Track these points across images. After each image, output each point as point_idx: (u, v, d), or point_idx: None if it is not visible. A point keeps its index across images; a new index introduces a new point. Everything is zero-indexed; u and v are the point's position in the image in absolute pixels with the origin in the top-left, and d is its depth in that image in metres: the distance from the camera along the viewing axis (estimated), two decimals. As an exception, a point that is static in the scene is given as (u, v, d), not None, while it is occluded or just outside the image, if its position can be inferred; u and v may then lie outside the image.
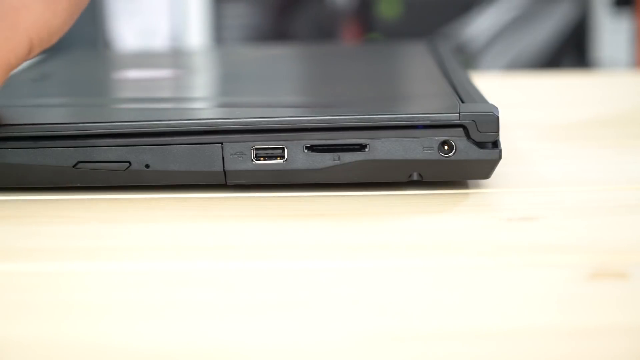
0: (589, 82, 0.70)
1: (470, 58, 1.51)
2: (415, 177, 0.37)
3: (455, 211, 0.36)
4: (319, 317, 0.26)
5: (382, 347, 0.24)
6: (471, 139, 0.36)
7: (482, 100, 0.38)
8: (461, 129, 0.36)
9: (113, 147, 0.37)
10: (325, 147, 0.37)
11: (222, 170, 0.37)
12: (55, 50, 0.45)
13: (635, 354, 0.24)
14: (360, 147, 0.37)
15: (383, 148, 0.37)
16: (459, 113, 0.36)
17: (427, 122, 0.36)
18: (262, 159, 0.37)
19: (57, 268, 0.30)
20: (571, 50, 1.52)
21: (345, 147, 0.37)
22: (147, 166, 0.37)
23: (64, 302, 0.28)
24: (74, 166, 0.37)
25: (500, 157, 0.37)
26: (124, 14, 1.37)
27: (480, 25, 1.54)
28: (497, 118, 0.36)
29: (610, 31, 1.48)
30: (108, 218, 0.36)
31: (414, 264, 0.30)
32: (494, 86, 0.55)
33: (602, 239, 0.33)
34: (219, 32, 1.49)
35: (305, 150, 0.37)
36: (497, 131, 0.36)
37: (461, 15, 1.54)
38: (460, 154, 0.37)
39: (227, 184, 0.37)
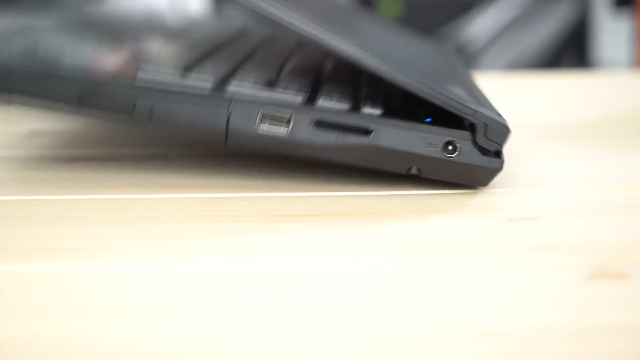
0: (589, 82, 0.70)
1: (470, 58, 1.51)
2: (414, 170, 0.37)
3: (455, 211, 0.36)
4: (319, 317, 0.26)
5: (382, 347, 0.24)
6: (476, 143, 0.36)
7: (496, 111, 0.38)
8: (468, 133, 0.36)
9: (120, 89, 0.37)
10: (332, 125, 0.37)
11: (225, 129, 0.37)
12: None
13: (635, 354, 0.24)
14: (367, 132, 0.37)
15: (388, 136, 0.37)
16: (475, 111, 0.36)
17: (446, 107, 0.36)
18: (267, 124, 0.37)
19: (57, 268, 0.30)
20: (571, 50, 1.52)
21: (351, 128, 0.37)
22: (151, 112, 0.37)
23: (64, 302, 0.28)
24: (77, 100, 0.37)
25: (501, 168, 0.37)
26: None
27: (480, 25, 1.54)
28: (509, 131, 0.36)
29: (610, 31, 1.48)
30: (108, 218, 0.36)
31: (414, 264, 0.30)
32: (494, 86, 0.55)
33: (602, 239, 0.33)
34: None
35: (312, 125, 0.37)
36: (503, 143, 0.37)
37: (461, 15, 1.54)
38: (463, 157, 0.37)
39: (227, 144, 0.37)
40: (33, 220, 0.36)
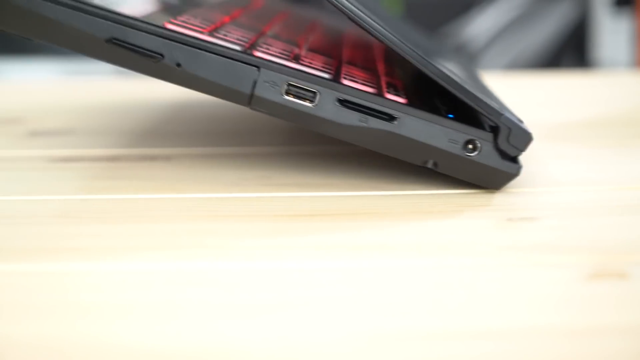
0: (589, 82, 0.70)
1: (470, 58, 1.51)
2: (430, 164, 0.37)
3: (456, 211, 0.36)
4: (319, 317, 0.26)
5: (382, 347, 0.24)
6: (497, 145, 0.36)
7: (518, 118, 0.38)
8: (491, 134, 0.36)
9: (151, 35, 0.36)
10: (357, 106, 0.37)
11: (250, 93, 0.37)
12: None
13: (635, 354, 0.24)
14: (390, 118, 0.37)
15: (412, 126, 0.37)
16: (501, 114, 0.36)
17: (476, 105, 0.36)
18: (292, 96, 0.37)
19: (57, 268, 0.30)
20: (571, 50, 1.52)
21: (376, 112, 0.37)
22: (178, 64, 0.37)
23: (64, 302, 0.28)
24: (106, 40, 0.36)
25: (518, 174, 0.37)
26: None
27: (480, 25, 1.53)
28: (531, 138, 0.37)
29: (610, 31, 1.48)
30: (108, 218, 0.35)
31: (414, 264, 0.30)
32: (494, 86, 0.55)
33: (602, 239, 0.33)
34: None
35: (337, 103, 0.37)
36: (524, 149, 0.37)
37: (461, 15, 1.54)
38: (482, 157, 0.37)
39: (251, 107, 0.37)
40: (33, 220, 0.36)
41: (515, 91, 0.64)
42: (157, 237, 0.33)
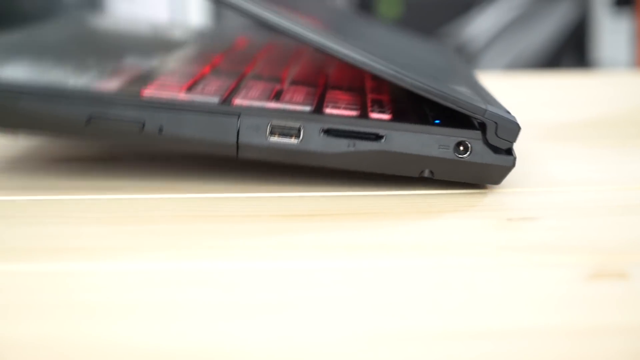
0: (589, 82, 0.70)
1: (470, 58, 1.51)
2: (426, 173, 0.37)
3: (456, 211, 0.36)
4: (319, 317, 0.26)
5: (382, 347, 0.24)
6: (487, 141, 0.37)
7: (504, 109, 0.38)
8: (479, 132, 0.37)
9: (129, 106, 0.37)
10: (342, 133, 0.37)
11: (235, 142, 0.37)
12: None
13: (635, 354, 0.24)
14: (377, 137, 0.37)
15: (400, 141, 0.37)
16: (484, 110, 0.36)
17: (456, 107, 0.36)
18: (277, 135, 0.37)
19: (57, 268, 0.30)
20: (571, 50, 1.52)
21: (362, 134, 0.37)
22: (160, 129, 0.37)
23: (64, 302, 0.28)
24: (87, 120, 0.37)
25: (514, 165, 0.37)
26: (123, 13, 1.37)
27: (480, 25, 1.53)
28: (519, 128, 0.37)
29: (610, 31, 1.48)
30: (108, 218, 0.36)
31: (414, 264, 0.30)
32: (494, 86, 0.55)
33: (602, 239, 0.33)
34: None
35: (322, 133, 0.37)
36: (514, 140, 0.37)
37: (461, 15, 1.54)
38: (475, 157, 0.37)
39: (239, 157, 0.37)
40: (33, 220, 0.36)
41: (515, 91, 0.64)
42: (157, 237, 0.33)
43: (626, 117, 0.54)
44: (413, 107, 0.40)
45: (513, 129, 0.37)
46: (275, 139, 0.37)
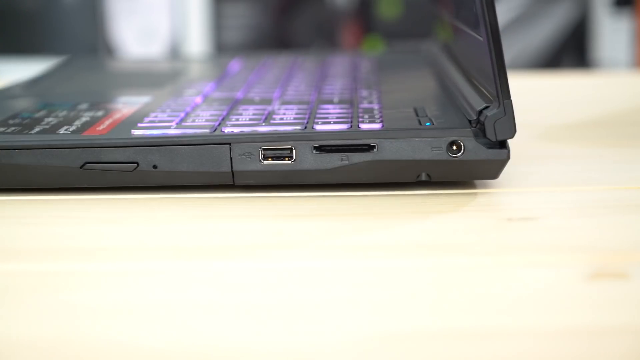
0: (589, 82, 0.70)
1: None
2: (423, 177, 0.37)
3: (456, 211, 0.36)
4: (319, 317, 0.26)
5: (382, 347, 0.24)
6: (479, 137, 0.36)
7: (492, 100, 0.38)
8: (470, 130, 0.37)
9: (121, 148, 0.37)
10: (334, 148, 0.37)
11: (230, 170, 0.37)
12: (56, 50, 0.46)
13: (635, 354, 0.24)
14: (369, 148, 0.37)
15: (392, 148, 0.37)
16: (472, 106, 0.37)
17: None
18: (270, 159, 0.37)
19: (57, 268, 0.30)
20: (571, 50, 1.52)
21: (353, 147, 0.37)
22: (154, 167, 0.37)
23: (64, 302, 0.28)
24: (81, 167, 0.37)
25: (508, 158, 0.37)
26: (123, 13, 1.37)
27: (480, 25, 1.53)
28: (509, 118, 0.36)
29: (610, 31, 1.48)
30: (108, 218, 0.36)
31: (414, 264, 0.30)
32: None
33: (602, 239, 0.33)
34: (219, 32, 1.49)
35: (314, 151, 0.37)
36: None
37: (461, 15, 1.53)
38: (469, 154, 0.37)
39: (235, 184, 0.37)
40: (33, 220, 0.36)
41: (514, 91, 0.64)
42: (157, 237, 0.33)
43: (626, 117, 0.54)
44: (405, 113, 0.40)
45: (503, 121, 0.37)
46: (269, 162, 0.37)
